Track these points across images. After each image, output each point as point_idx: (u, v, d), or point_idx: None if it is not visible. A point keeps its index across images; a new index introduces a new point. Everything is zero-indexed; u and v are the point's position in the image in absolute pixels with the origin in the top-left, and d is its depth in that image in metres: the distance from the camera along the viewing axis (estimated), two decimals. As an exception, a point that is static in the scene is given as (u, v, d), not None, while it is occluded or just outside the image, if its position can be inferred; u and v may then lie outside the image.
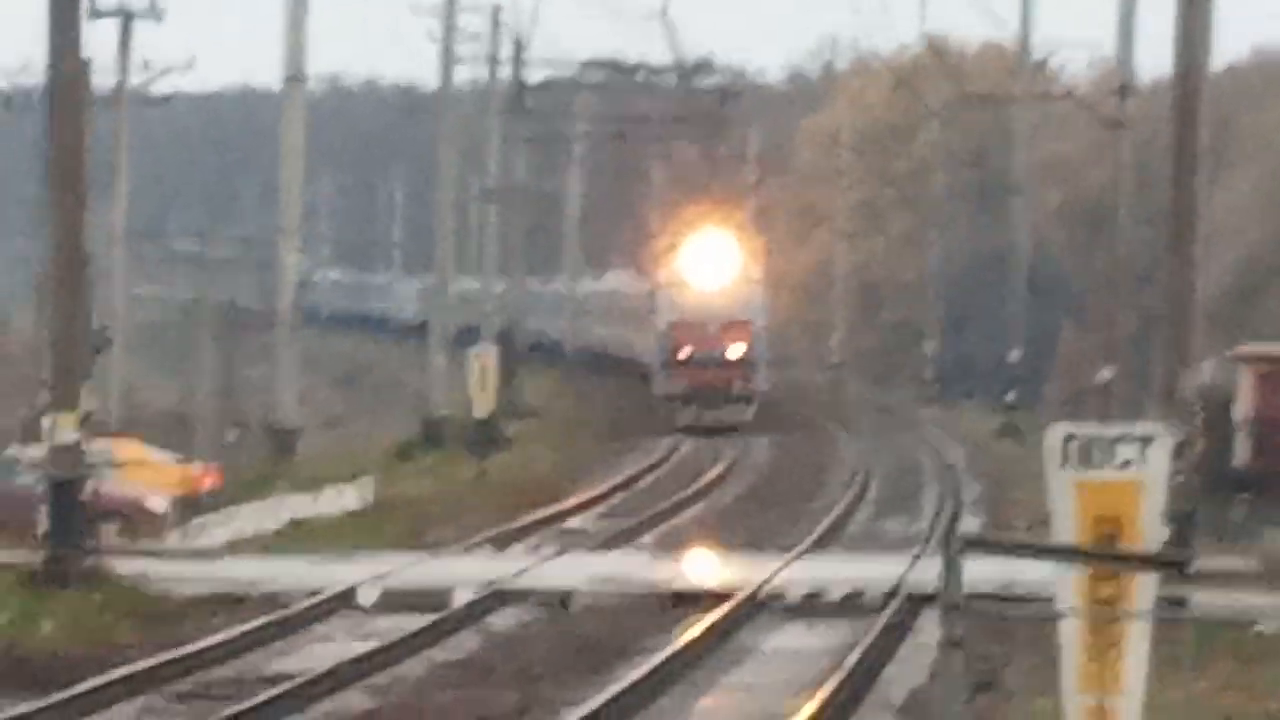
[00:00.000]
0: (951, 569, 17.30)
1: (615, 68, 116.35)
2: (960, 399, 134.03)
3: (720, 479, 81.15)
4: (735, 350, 52.84)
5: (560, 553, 57.20)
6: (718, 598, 45.49)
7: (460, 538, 61.14)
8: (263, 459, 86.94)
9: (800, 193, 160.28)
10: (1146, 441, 17.99)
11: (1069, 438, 18.33)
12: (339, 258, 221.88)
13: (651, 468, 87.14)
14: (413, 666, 40.13)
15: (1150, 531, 17.27)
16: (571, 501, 72.80)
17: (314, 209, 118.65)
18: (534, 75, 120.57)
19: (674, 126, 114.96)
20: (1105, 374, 76.88)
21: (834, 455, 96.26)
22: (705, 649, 43.14)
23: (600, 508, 71.13)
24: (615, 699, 35.13)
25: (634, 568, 53.97)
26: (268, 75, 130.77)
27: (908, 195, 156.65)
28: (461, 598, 45.89)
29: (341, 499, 68.03)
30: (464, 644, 43.39)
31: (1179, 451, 21.84)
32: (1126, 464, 17.76)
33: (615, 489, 79.46)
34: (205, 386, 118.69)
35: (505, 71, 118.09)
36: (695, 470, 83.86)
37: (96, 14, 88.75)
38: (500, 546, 59.47)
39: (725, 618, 46.82)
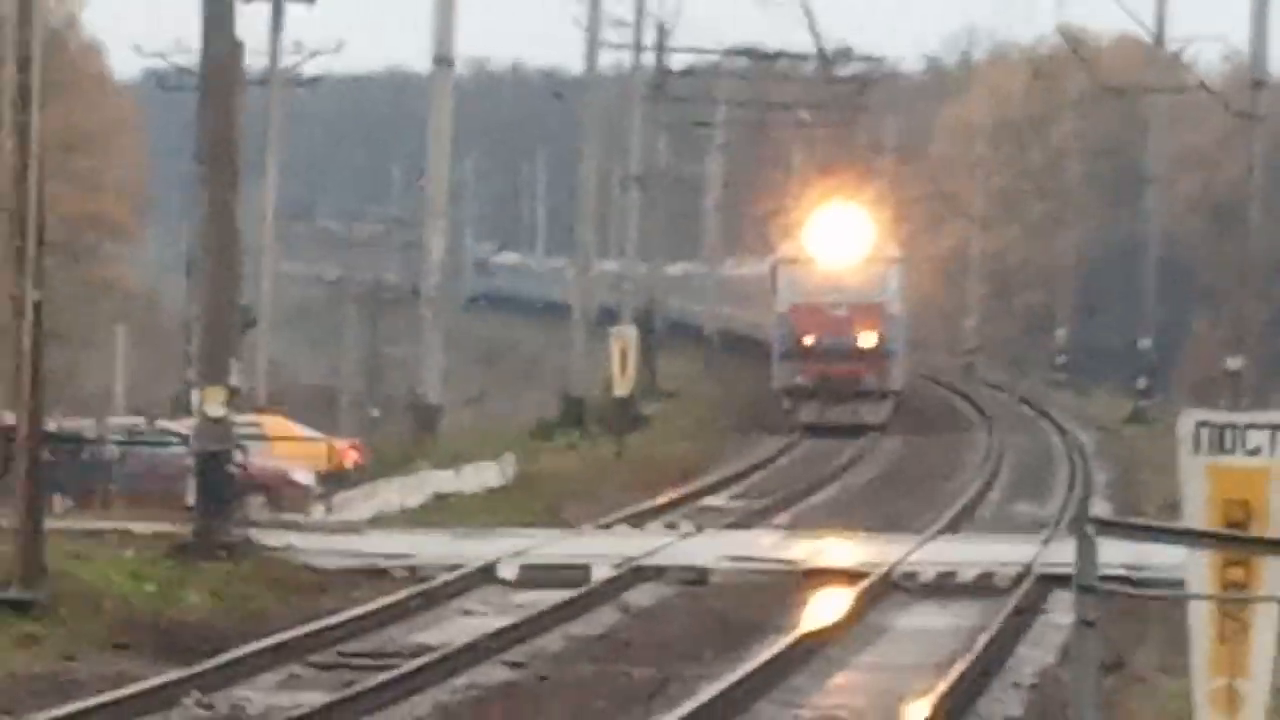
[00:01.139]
0: (1084, 550, 16.95)
1: (756, 55, 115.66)
2: (1091, 385, 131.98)
3: (855, 460, 79.33)
4: (867, 338, 48.42)
5: (697, 530, 56.54)
6: (851, 577, 44.56)
7: (598, 515, 60.74)
8: (405, 435, 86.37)
9: (937, 180, 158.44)
10: (1277, 429, 17.76)
11: (1201, 424, 17.98)
12: (481, 239, 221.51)
13: (788, 448, 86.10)
14: (551, 640, 39.93)
15: (1279, 517, 17.05)
16: (708, 481, 71.54)
17: (459, 191, 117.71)
18: (676, 62, 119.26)
19: (814, 113, 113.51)
20: (1234, 363, 76.00)
21: (968, 440, 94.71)
22: (838, 627, 42.65)
23: (736, 487, 70.04)
24: (750, 675, 34.86)
25: (769, 546, 52.75)
26: (416, 59, 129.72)
27: (1043, 185, 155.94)
28: (600, 574, 45.49)
29: (482, 475, 67.66)
30: (602, 619, 43.05)
31: None
32: (1257, 450, 17.55)
33: (751, 469, 78.50)
34: (350, 364, 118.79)
35: (649, 58, 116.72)
36: (831, 452, 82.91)
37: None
38: (637, 524, 58.71)
39: (858, 597, 46.15)
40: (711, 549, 51.98)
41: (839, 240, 47.38)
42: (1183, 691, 18.78)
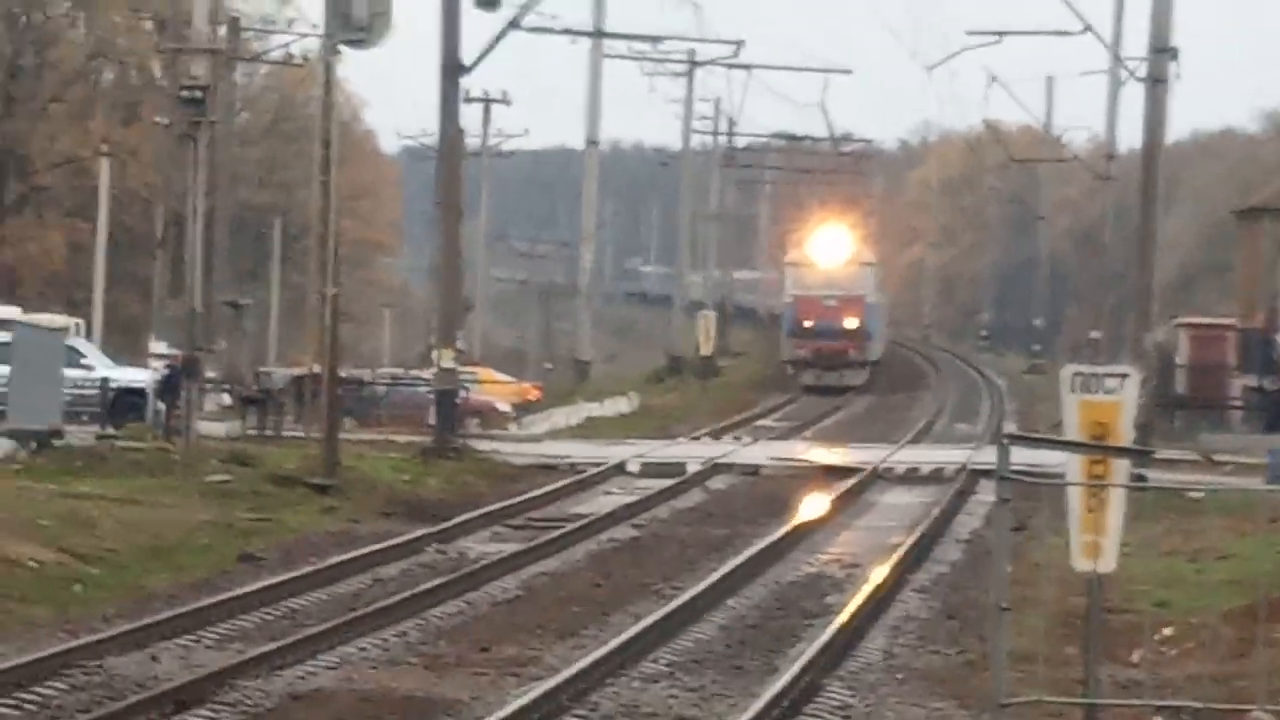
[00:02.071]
0: (1002, 454, 17.36)
1: (790, 137, 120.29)
2: (1004, 349, 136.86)
3: (851, 397, 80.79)
4: (850, 322, 47.59)
5: (752, 441, 56.00)
6: (851, 471, 45.12)
7: (691, 431, 60.73)
8: (567, 380, 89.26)
9: (905, 217, 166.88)
10: (1123, 377, 18.21)
11: (1075, 373, 18.46)
12: (622, 257, 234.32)
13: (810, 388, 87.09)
14: (661, 510, 40.25)
15: (1124, 433, 17.43)
16: (760, 409, 72.25)
17: (601, 222, 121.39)
18: (740, 141, 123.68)
19: (827, 175, 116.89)
20: (1095, 335, 78.16)
21: (924, 384, 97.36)
22: (842, 503, 42.66)
23: (779, 414, 70.48)
24: (786, 534, 35.18)
25: (798, 451, 52.59)
26: (575, 139, 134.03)
27: (972, 221, 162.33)
28: (691, 468, 45.66)
29: (617, 406, 68.93)
30: (693, 497, 43.36)
31: (1142, 384, 21.68)
32: (1111, 391, 17.96)
33: (789, 402, 79.37)
34: (532, 335, 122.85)
35: (723, 139, 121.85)
36: (834, 390, 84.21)
37: (469, 100, 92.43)
38: (716, 436, 58.25)
39: (855, 484, 46.38)
40: (762, 453, 51.82)
41: (831, 250, 46.46)
42: (1063, 544, 18.10)
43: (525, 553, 32.17)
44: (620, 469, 48.20)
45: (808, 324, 46.07)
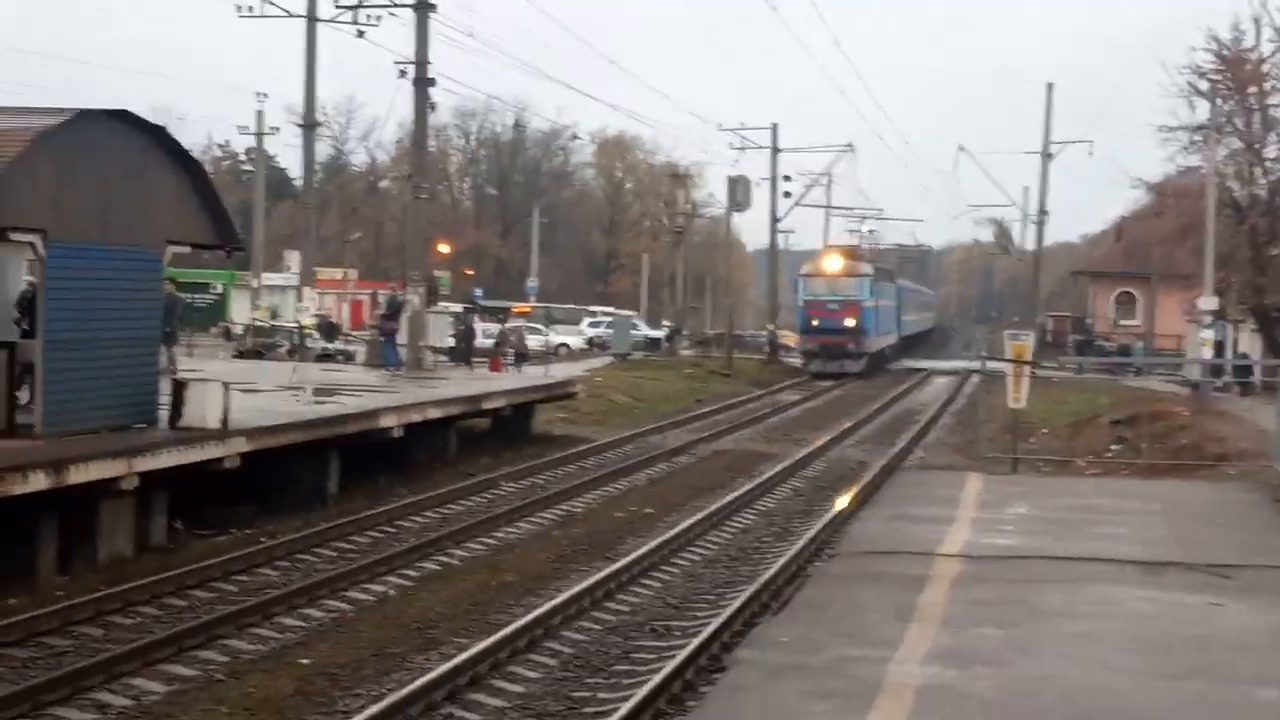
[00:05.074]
0: (981, 364, 20.29)
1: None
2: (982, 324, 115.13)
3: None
4: (849, 322, 34.30)
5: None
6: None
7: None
8: None
9: None
10: (1028, 334, 18.90)
11: (1009, 333, 19.47)
12: None
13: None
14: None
15: (1028, 355, 17.70)
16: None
17: None
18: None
19: None
20: (1016, 319, 62.56)
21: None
22: (913, 385, 38.92)
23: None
24: (897, 395, 34.05)
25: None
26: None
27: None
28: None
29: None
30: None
31: (1035, 338, 19.90)
32: (1023, 339, 18.19)
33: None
34: None
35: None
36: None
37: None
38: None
39: (921, 378, 42.27)
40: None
41: (833, 263, 33.26)
42: (1004, 402, 18.78)
43: (808, 397, 33.35)
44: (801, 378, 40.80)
45: (816, 323, 34.11)
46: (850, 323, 36.40)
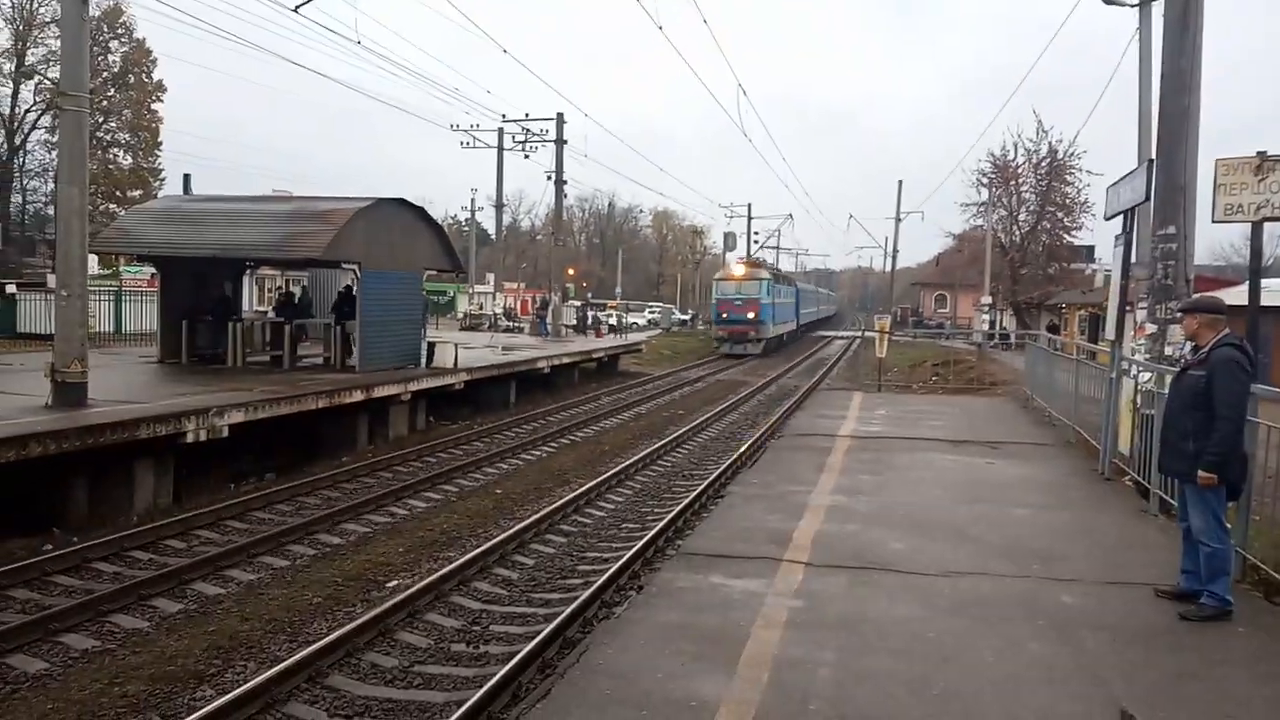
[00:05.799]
0: (864, 331, 21.47)
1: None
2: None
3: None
4: (750, 314, 34.32)
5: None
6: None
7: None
8: None
9: None
10: (885, 316, 22.41)
11: (878, 316, 22.89)
12: None
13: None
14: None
15: (887, 328, 19.75)
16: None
17: None
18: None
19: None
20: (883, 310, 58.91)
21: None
22: (819, 348, 43.15)
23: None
24: (809, 355, 38.45)
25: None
26: None
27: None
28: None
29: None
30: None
31: (891, 320, 23.70)
32: (883, 318, 20.87)
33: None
34: None
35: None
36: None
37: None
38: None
39: (823, 344, 47.28)
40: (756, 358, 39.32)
41: (738, 270, 33.01)
42: (874, 355, 20.65)
43: (768, 353, 36.01)
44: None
45: (725, 315, 35.45)
46: (751, 315, 37.18)
